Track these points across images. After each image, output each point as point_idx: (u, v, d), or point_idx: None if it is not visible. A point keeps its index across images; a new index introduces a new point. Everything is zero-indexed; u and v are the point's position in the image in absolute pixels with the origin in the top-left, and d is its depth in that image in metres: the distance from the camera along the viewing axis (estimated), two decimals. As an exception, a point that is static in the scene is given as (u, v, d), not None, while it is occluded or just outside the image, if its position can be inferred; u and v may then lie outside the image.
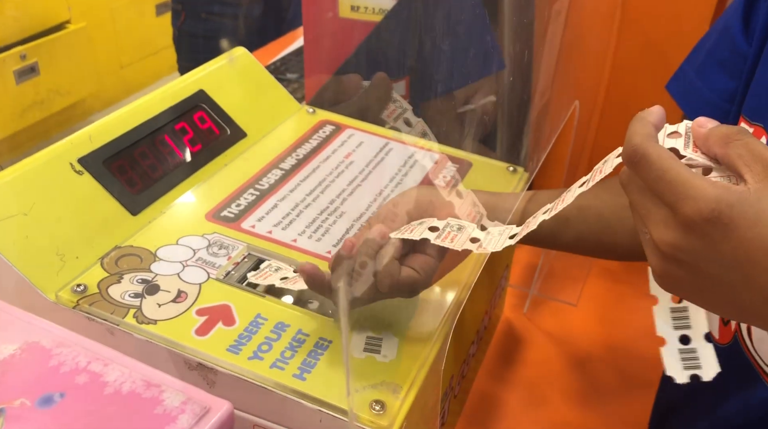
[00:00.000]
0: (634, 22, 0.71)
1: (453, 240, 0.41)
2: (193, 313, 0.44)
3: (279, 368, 0.41)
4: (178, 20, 1.50)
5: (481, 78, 0.68)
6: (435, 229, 0.42)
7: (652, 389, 0.64)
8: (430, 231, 0.41)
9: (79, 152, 0.51)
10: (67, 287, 0.44)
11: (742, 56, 0.50)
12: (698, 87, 0.54)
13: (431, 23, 0.68)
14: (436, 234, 0.41)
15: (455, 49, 0.67)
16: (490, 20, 0.69)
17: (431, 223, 0.42)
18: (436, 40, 0.68)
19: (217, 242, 0.50)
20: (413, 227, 0.42)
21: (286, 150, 0.62)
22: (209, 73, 0.63)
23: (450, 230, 0.42)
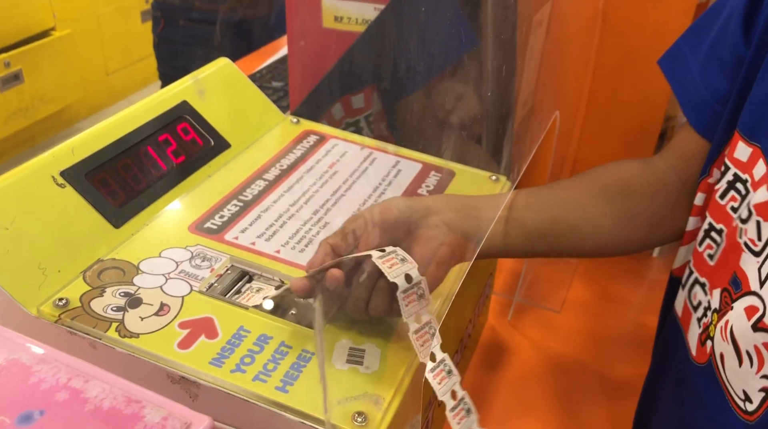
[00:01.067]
0: (614, 31, 0.72)
1: (392, 266, 0.42)
2: (175, 327, 0.44)
3: (262, 381, 0.41)
4: (158, 27, 1.50)
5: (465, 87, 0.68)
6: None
7: (634, 395, 0.64)
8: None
9: (61, 165, 0.51)
10: (49, 301, 0.44)
11: (739, 60, 0.49)
12: (694, 77, 0.52)
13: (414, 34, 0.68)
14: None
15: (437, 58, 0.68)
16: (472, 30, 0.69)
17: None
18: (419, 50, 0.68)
19: (200, 254, 0.50)
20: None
21: (270, 160, 0.62)
22: (192, 84, 0.63)
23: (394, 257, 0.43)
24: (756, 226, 0.42)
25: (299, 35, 0.74)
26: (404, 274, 0.42)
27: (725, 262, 0.46)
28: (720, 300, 0.46)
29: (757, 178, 0.43)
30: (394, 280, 0.41)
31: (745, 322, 0.40)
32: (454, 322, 0.56)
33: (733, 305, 0.43)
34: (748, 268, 0.42)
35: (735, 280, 0.44)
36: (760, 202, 0.42)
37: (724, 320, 0.44)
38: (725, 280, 0.45)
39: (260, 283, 0.49)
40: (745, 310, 0.41)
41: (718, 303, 0.46)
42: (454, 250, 0.47)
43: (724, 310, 0.44)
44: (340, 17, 0.71)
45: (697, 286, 0.50)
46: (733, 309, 0.43)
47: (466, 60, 0.67)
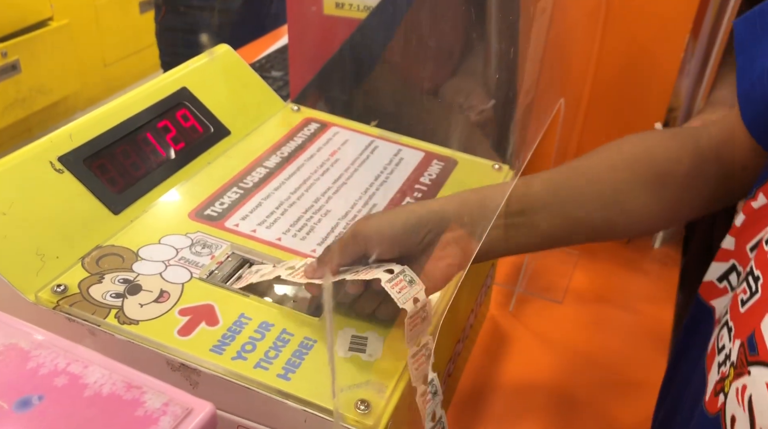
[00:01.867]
0: (618, 19, 0.71)
1: (401, 290, 0.41)
2: (175, 313, 0.43)
3: (263, 368, 0.40)
4: (159, 15, 1.49)
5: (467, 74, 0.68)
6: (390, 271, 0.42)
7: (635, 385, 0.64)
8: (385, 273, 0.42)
9: (59, 151, 0.50)
10: (47, 287, 0.44)
11: None
12: (763, 66, 0.44)
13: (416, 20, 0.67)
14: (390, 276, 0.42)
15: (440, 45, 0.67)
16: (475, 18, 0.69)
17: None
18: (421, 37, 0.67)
19: (201, 241, 0.49)
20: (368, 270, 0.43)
21: (271, 148, 0.62)
22: (192, 70, 0.63)
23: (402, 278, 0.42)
24: None
25: (300, 22, 0.73)
26: (412, 298, 0.41)
27: (752, 315, 0.42)
28: (737, 355, 0.42)
29: None
30: (404, 307, 0.40)
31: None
32: (456, 313, 0.56)
33: (749, 370, 0.40)
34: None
35: (751, 340, 0.40)
36: None
37: (740, 382, 0.40)
38: (745, 333, 0.41)
39: (259, 266, 0.48)
40: (766, 385, 0.37)
41: (736, 357, 0.42)
42: (462, 266, 0.46)
43: (741, 370, 0.41)
44: (342, 4, 0.70)
45: (725, 328, 0.46)
46: (750, 375, 0.39)
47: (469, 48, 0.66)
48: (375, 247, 0.44)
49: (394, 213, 0.46)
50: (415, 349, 0.41)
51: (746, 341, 0.41)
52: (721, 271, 0.49)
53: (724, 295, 0.48)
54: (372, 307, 0.45)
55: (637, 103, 0.76)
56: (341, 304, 0.45)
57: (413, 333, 0.41)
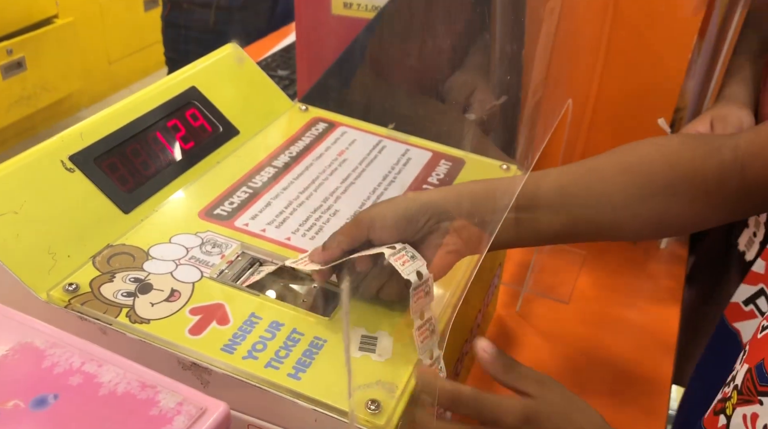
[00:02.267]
0: (626, 20, 0.71)
1: (404, 264, 0.43)
2: (186, 313, 0.43)
3: (274, 368, 0.40)
4: (165, 11, 1.50)
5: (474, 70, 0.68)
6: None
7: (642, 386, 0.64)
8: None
9: (70, 150, 0.50)
10: (58, 286, 0.44)
11: None
12: None
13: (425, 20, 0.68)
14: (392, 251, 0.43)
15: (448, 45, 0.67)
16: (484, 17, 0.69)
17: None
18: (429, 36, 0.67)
19: (211, 241, 0.50)
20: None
21: (279, 147, 0.62)
22: (201, 69, 0.63)
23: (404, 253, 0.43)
24: None
25: (308, 22, 0.73)
26: (416, 271, 0.42)
27: (764, 342, 0.42)
28: (743, 380, 0.42)
29: None
30: (408, 278, 0.42)
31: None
32: (464, 313, 0.56)
33: (761, 399, 0.40)
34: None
35: (761, 369, 0.40)
36: None
37: (749, 410, 0.41)
38: (755, 360, 0.41)
39: (270, 268, 0.49)
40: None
41: (741, 381, 0.42)
42: (462, 255, 0.47)
43: (749, 397, 0.41)
44: (350, 4, 0.70)
45: (736, 353, 0.46)
46: (762, 405, 0.39)
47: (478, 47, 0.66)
48: (377, 232, 0.45)
49: (397, 200, 0.47)
50: (420, 322, 0.42)
51: (755, 368, 0.40)
52: (748, 294, 0.47)
53: (750, 320, 0.47)
54: (377, 285, 0.45)
55: (644, 104, 0.76)
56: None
57: (417, 305, 0.42)
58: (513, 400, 0.42)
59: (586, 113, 0.75)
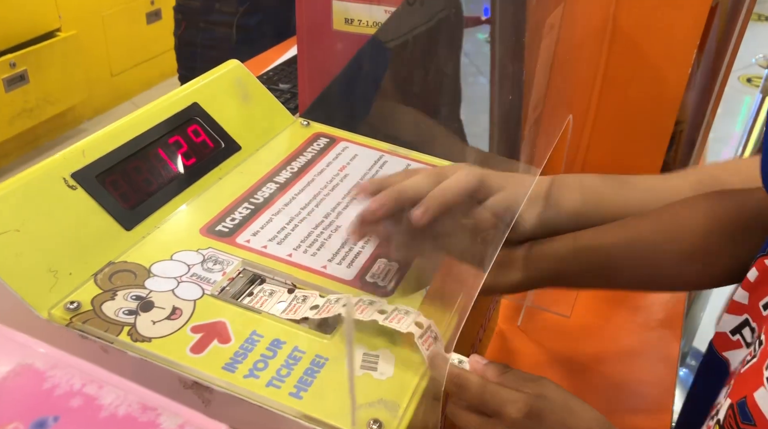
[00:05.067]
0: (625, 35, 0.72)
1: (399, 321, 0.44)
2: (188, 331, 0.43)
3: (275, 386, 0.40)
4: (179, 29, 1.51)
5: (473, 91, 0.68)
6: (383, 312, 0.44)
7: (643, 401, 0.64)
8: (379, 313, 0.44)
9: (72, 167, 0.50)
10: (60, 304, 0.44)
11: None
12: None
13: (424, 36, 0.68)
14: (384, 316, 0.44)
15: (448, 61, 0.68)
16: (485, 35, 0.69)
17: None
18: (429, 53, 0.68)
19: (212, 257, 0.50)
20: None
21: (281, 163, 0.62)
22: (203, 85, 0.63)
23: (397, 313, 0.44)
24: None
25: (309, 37, 0.73)
26: (414, 323, 0.43)
27: (746, 379, 0.41)
28: (725, 415, 0.42)
29: None
30: (408, 330, 0.43)
31: None
32: (466, 328, 0.56)
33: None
34: (767, 408, 0.37)
35: (743, 406, 0.39)
36: None
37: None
38: (737, 396, 0.41)
39: (273, 285, 0.49)
40: None
41: (724, 416, 0.42)
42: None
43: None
44: (351, 19, 0.71)
45: (725, 382, 0.46)
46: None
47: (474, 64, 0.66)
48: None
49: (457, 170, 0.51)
50: (420, 331, 0.43)
51: (737, 405, 0.40)
52: (734, 324, 0.48)
53: (738, 349, 0.47)
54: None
55: (643, 118, 0.76)
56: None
57: (431, 353, 0.43)
58: (518, 394, 0.43)
59: (585, 128, 0.75)
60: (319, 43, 0.74)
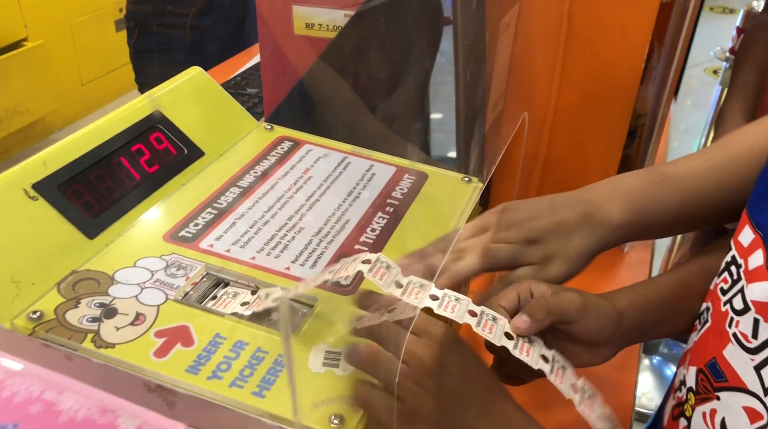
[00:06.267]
0: (580, 32, 0.74)
1: (491, 330, 0.44)
2: (151, 336, 0.44)
3: (238, 387, 0.41)
4: (132, 37, 1.49)
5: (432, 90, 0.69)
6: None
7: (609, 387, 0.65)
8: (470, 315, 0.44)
9: (33, 178, 0.51)
10: (23, 314, 0.44)
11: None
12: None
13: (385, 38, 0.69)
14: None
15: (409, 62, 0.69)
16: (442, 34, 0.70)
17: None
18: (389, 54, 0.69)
19: (176, 263, 0.50)
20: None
21: (244, 167, 0.63)
22: (165, 93, 0.64)
23: (487, 319, 0.44)
24: (753, 323, 0.39)
25: (271, 43, 0.74)
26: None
27: (705, 343, 0.44)
28: (696, 381, 0.44)
29: (751, 267, 0.41)
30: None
31: (747, 424, 0.39)
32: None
33: (718, 395, 0.41)
34: (737, 362, 0.40)
35: (715, 367, 0.42)
36: (762, 301, 0.39)
37: (708, 407, 0.42)
38: (702, 361, 0.43)
39: (236, 288, 0.49)
40: (745, 410, 0.39)
41: (694, 383, 0.45)
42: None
43: (705, 395, 0.43)
44: (311, 24, 0.72)
45: (683, 358, 0.48)
46: (720, 400, 0.41)
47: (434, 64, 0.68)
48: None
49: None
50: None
51: (707, 368, 0.42)
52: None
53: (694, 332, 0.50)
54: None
55: (602, 113, 0.78)
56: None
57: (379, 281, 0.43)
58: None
59: (546, 123, 0.77)
60: (281, 48, 0.75)
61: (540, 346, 0.45)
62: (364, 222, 0.57)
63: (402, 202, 0.61)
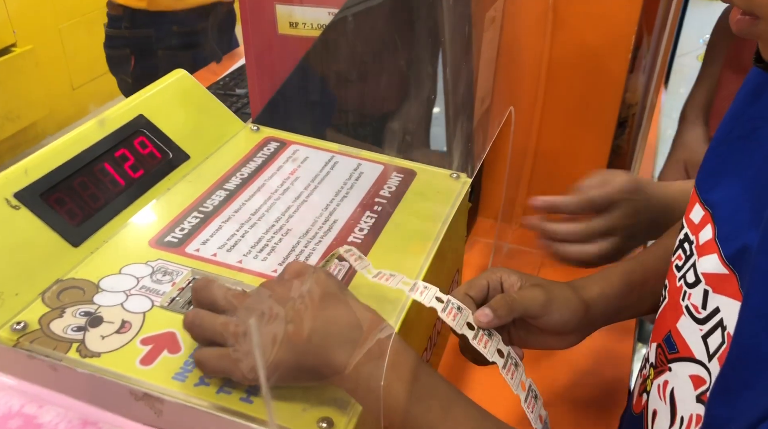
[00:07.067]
0: (565, 25, 0.73)
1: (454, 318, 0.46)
2: (137, 343, 0.44)
3: (226, 392, 0.41)
4: (128, 67, 1.42)
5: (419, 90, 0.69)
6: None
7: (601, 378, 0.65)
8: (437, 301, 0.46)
9: (14, 187, 0.50)
10: (6, 325, 0.44)
11: None
12: None
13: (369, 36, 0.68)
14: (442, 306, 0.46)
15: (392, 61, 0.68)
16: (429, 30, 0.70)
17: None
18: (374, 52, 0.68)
19: (161, 269, 0.50)
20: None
21: (230, 170, 0.62)
22: (149, 97, 0.63)
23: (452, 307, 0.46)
24: (702, 294, 0.40)
25: (255, 43, 0.74)
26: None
27: (664, 318, 0.46)
28: (655, 356, 0.46)
29: (701, 242, 0.42)
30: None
31: (691, 391, 0.40)
32: (420, 321, 0.57)
33: (670, 366, 0.43)
34: (687, 333, 0.41)
35: (669, 339, 0.43)
36: (711, 272, 0.40)
37: (662, 379, 0.43)
38: (660, 336, 0.45)
39: None
40: (691, 378, 0.40)
41: (654, 358, 0.46)
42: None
43: (661, 368, 0.44)
44: (295, 23, 0.71)
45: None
46: (671, 371, 0.42)
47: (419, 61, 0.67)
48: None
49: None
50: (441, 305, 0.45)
51: (663, 342, 0.43)
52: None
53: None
54: None
55: (591, 104, 0.78)
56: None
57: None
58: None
59: (534, 116, 0.77)
60: (266, 48, 0.74)
61: (498, 341, 0.47)
62: (352, 222, 0.57)
63: (390, 201, 0.60)
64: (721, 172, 0.43)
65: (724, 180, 0.42)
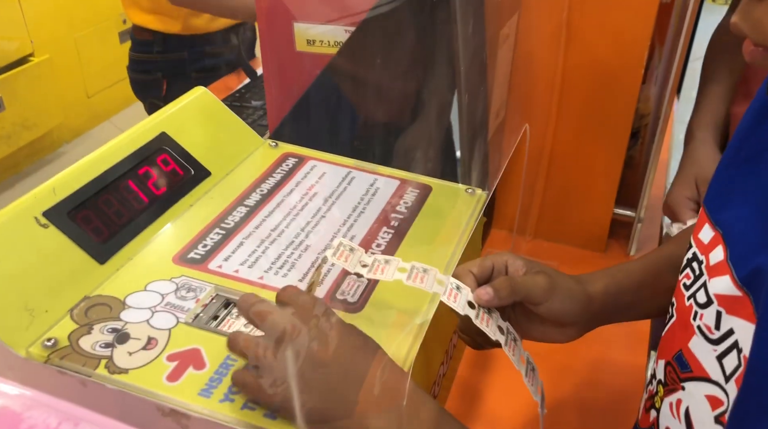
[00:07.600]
0: (579, 39, 0.74)
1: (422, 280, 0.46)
2: (163, 360, 0.45)
3: (250, 408, 0.42)
4: (160, 91, 1.40)
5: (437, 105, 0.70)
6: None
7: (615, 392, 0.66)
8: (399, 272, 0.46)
9: (43, 206, 0.51)
10: (37, 342, 0.45)
11: None
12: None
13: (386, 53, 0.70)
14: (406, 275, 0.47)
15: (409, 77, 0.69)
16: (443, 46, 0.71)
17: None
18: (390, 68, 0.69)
19: (185, 285, 0.51)
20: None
21: (250, 186, 0.63)
22: (171, 114, 0.64)
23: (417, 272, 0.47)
24: (715, 315, 0.40)
25: (274, 60, 0.75)
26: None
27: (672, 336, 0.46)
28: (665, 373, 0.46)
29: (712, 263, 0.42)
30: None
31: (709, 413, 0.40)
32: (437, 336, 0.58)
33: (683, 385, 0.43)
34: (700, 353, 0.41)
35: (681, 359, 0.43)
36: (724, 294, 0.40)
37: (674, 397, 0.44)
38: (670, 354, 0.45)
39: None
40: (707, 398, 0.40)
41: (663, 375, 0.46)
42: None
43: (672, 386, 0.44)
44: (312, 41, 0.72)
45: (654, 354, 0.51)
46: (685, 390, 0.43)
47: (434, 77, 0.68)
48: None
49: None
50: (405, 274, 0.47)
51: (674, 360, 0.44)
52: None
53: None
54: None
55: (604, 117, 0.78)
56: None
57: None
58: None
59: (548, 130, 0.78)
60: (283, 65, 0.75)
61: (497, 317, 0.48)
62: (369, 237, 0.58)
63: (407, 216, 0.61)
64: (730, 192, 0.43)
65: (733, 200, 0.42)
